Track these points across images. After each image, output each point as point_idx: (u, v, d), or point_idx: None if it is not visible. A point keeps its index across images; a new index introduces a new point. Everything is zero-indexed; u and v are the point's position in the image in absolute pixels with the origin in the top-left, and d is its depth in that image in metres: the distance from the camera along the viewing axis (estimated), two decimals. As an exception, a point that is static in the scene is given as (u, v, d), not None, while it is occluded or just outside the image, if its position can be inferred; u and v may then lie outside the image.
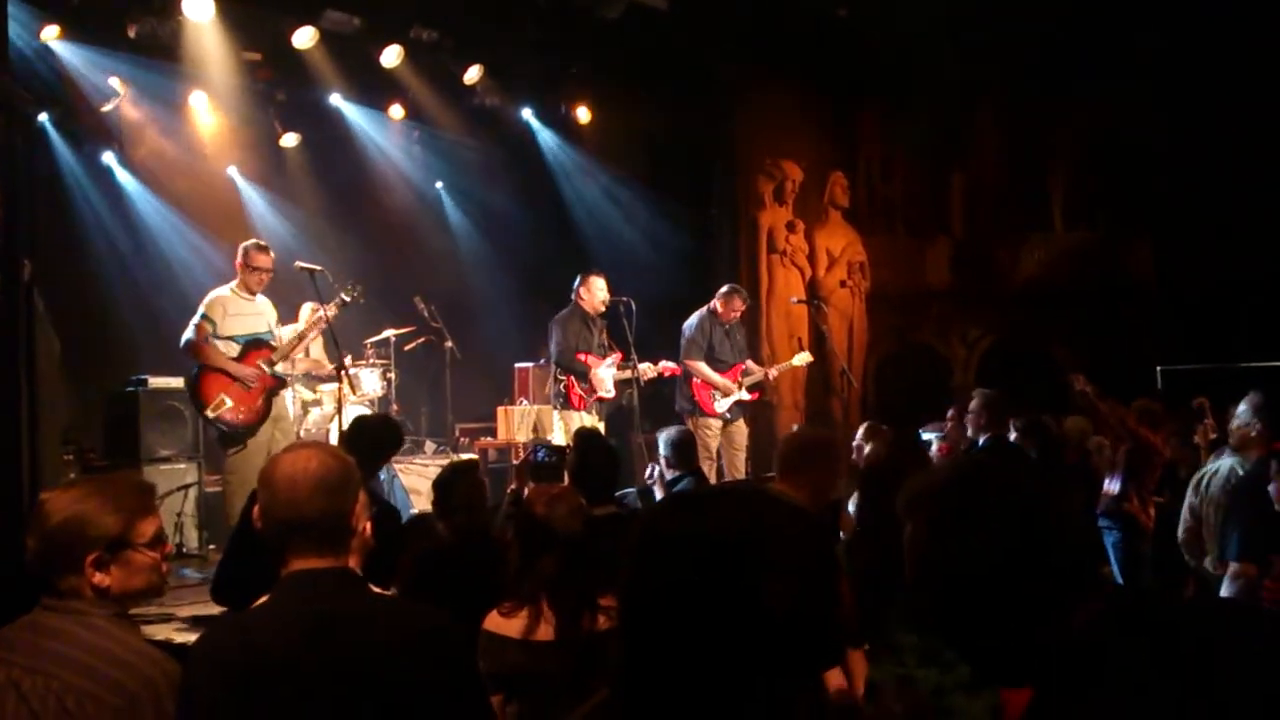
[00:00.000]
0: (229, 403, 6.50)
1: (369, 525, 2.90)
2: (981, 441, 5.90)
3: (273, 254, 7.00)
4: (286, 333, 7.39)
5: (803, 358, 8.85)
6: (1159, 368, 10.08)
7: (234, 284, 6.86)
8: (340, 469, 2.25)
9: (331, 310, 7.06)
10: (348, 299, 7.20)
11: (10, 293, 3.25)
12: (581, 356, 7.88)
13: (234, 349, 6.69)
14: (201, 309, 6.72)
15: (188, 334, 6.65)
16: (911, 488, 1.70)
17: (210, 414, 6.56)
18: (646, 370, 8.01)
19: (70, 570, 2.25)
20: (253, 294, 6.86)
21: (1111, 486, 6.57)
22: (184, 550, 7.80)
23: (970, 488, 1.66)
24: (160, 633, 5.24)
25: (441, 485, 4.24)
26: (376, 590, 2.58)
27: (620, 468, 4.82)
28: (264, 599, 2.28)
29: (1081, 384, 6.50)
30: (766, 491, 1.96)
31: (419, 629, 2.22)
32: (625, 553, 1.64)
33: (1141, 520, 6.25)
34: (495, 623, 3.03)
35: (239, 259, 6.87)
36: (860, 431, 6.19)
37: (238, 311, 6.77)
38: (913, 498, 1.70)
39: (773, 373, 8.76)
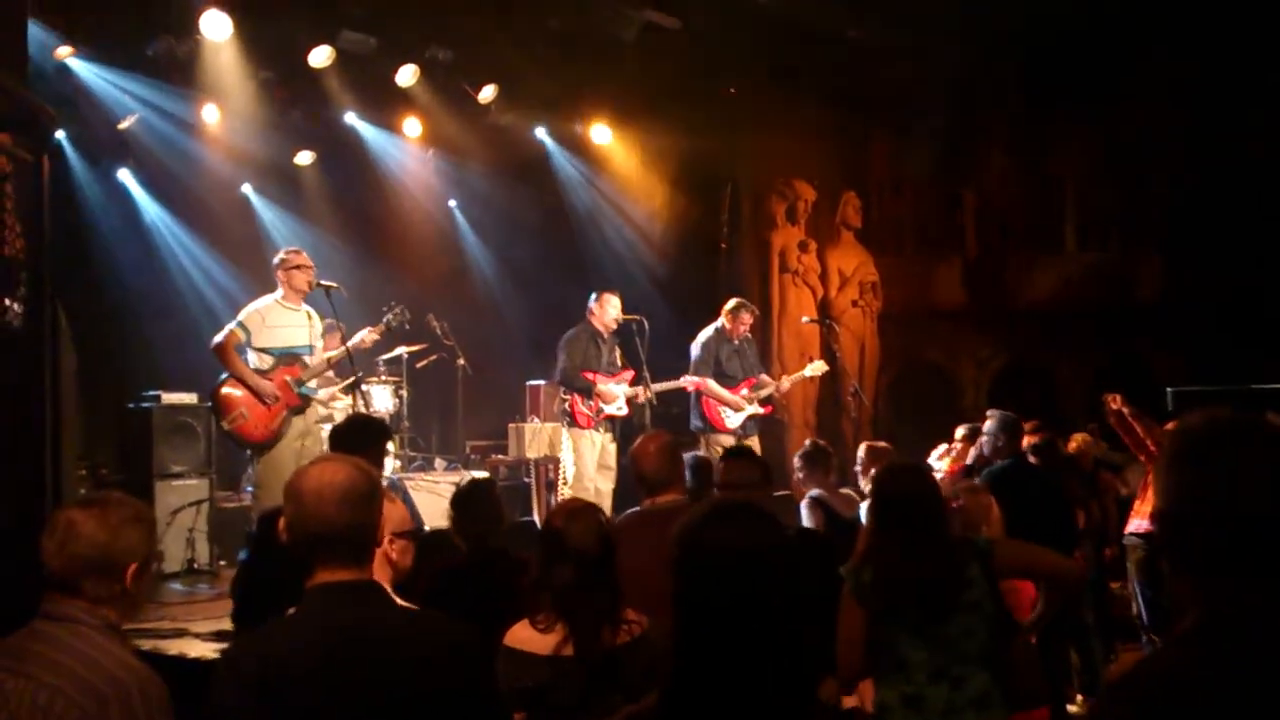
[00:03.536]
0: (246, 416, 6.45)
1: (393, 542, 2.90)
2: (999, 463, 5.87)
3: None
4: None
5: (815, 367, 8.82)
6: (1169, 389, 10.05)
7: (278, 295, 6.70)
8: (366, 481, 2.29)
9: (375, 335, 7.07)
10: (394, 324, 7.28)
11: (37, 309, 3.28)
12: (589, 375, 7.88)
13: (267, 361, 6.58)
14: (239, 316, 6.61)
15: (217, 336, 6.57)
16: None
17: (226, 426, 6.53)
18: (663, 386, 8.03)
19: (112, 580, 2.34)
20: (299, 302, 6.71)
21: (1140, 510, 6.56)
22: (195, 566, 7.83)
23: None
24: (174, 647, 5.28)
25: (459, 501, 4.24)
26: (401, 603, 2.60)
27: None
28: (290, 611, 2.31)
29: (1119, 404, 6.47)
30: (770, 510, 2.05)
31: (447, 642, 2.25)
32: (671, 555, 1.78)
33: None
34: (519, 638, 3.01)
35: (278, 268, 6.73)
36: (861, 453, 6.12)
37: (277, 323, 6.63)
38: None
39: (785, 384, 8.74)
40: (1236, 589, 1.55)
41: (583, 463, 7.73)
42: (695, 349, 8.36)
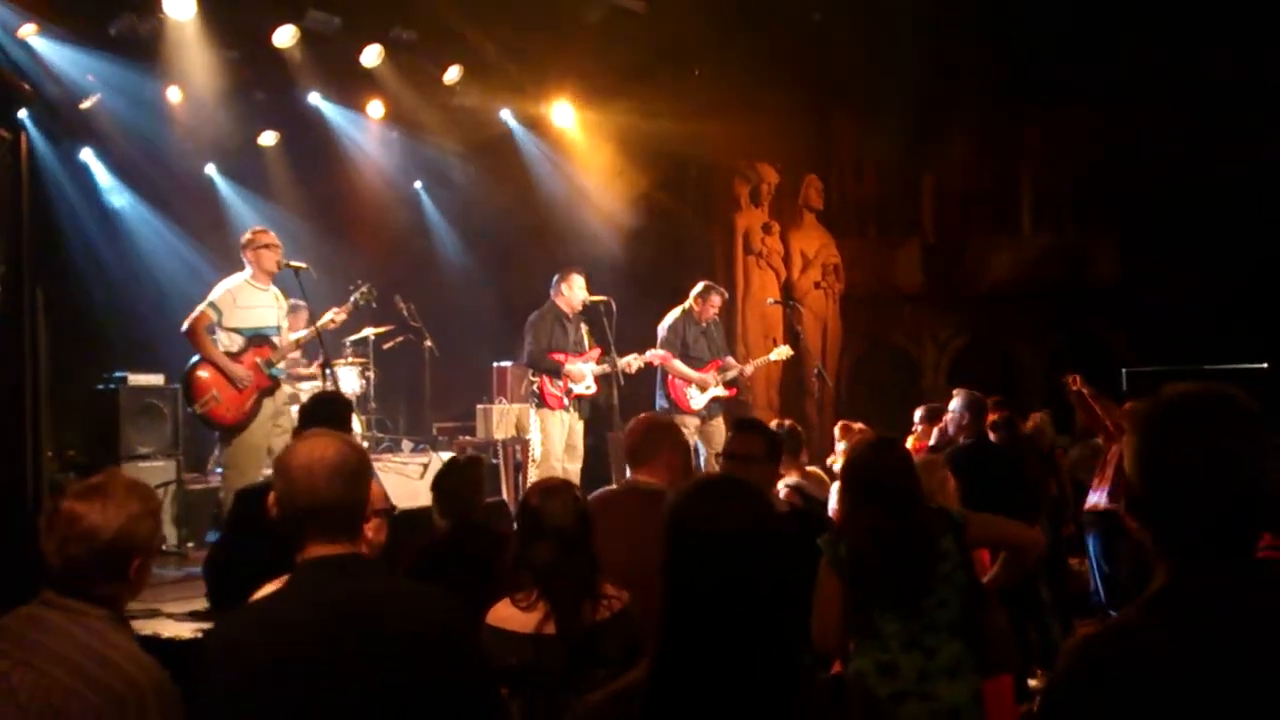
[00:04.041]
0: (219, 399, 6.41)
1: (369, 520, 2.95)
2: (963, 441, 6.00)
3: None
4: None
5: (781, 351, 8.92)
6: (1124, 370, 10.25)
7: (247, 274, 6.62)
8: (355, 456, 2.30)
9: (343, 314, 7.06)
10: (361, 302, 7.28)
11: (17, 289, 3.29)
12: (559, 356, 7.89)
13: (237, 342, 6.53)
14: (210, 297, 6.51)
15: (188, 319, 6.46)
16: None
17: (198, 409, 6.47)
18: (630, 362, 8.03)
19: (115, 578, 2.31)
20: (268, 282, 6.66)
21: (1099, 488, 6.72)
22: (164, 548, 7.80)
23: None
24: (148, 628, 5.27)
25: (440, 480, 4.29)
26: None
27: None
28: (278, 586, 2.33)
29: (1078, 384, 6.61)
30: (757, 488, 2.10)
31: (438, 611, 2.28)
32: (661, 532, 1.81)
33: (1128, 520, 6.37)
34: (501, 617, 3.04)
35: (246, 248, 6.63)
36: (837, 432, 6.24)
37: (248, 303, 6.56)
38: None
39: (749, 368, 8.82)
40: (1202, 562, 1.61)
41: (551, 443, 7.75)
42: (662, 330, 8.41)
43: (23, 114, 8.83)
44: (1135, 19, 10.39)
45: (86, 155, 10.17)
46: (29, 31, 8.30)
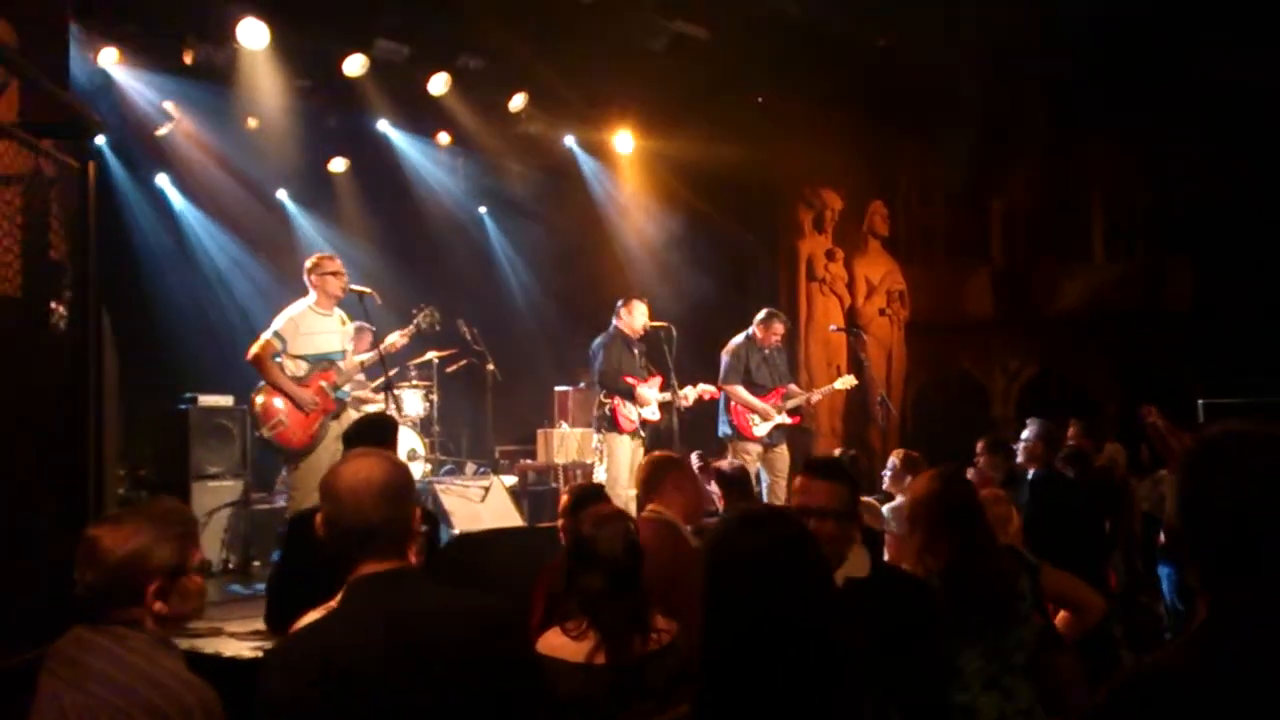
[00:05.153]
0: (286, 423, 6.47)
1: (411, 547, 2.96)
2: (1033, 474, 5.85)
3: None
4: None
5: (846, 380, 8.81)
6: (1201, 401, 10.00)
7: (311, 301, 6.65)
8: (400, 475, 2.31)
9: (405, 338, 7.15)
10: (424, 325, 7.34)
11: (82, 313, 3.36)
12: (629, 380, 7.88)
13: (303, 368, 6.56)
14: (274, 325, 6.56)
15: (253, 348, 6.52)
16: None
17: (266, 433, 6.54)
18: (686, 394, 8.00)
19: (132, 602, 2.31)
20: (331, 307, 6.68)
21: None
22: (230, 566, 7.92)
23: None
24: (210, 646, 5.34)
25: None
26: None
27: None
28: (321, 612, 2.33)
29: (1154, 416, 6.48)
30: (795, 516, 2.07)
31: (489, 618, 2.28)
32: (703, 561, 1.80)
33: None
34: (551, 645, 2.99)
35: (310, 273, 6.67)
36: (898, 461, 6.05)
37: (311, 330, 6.59)
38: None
39: (815, 396, 8.70)
40: (1240, 598, 1.60)
41: (618, 468, 7.64)
42: (725, 356, 8.36)
43: (101, 140, 9.17)
44: (1207, 38, 10.16)
45: (162, 180, 10.43)
46: (109, 59, 8.56)
